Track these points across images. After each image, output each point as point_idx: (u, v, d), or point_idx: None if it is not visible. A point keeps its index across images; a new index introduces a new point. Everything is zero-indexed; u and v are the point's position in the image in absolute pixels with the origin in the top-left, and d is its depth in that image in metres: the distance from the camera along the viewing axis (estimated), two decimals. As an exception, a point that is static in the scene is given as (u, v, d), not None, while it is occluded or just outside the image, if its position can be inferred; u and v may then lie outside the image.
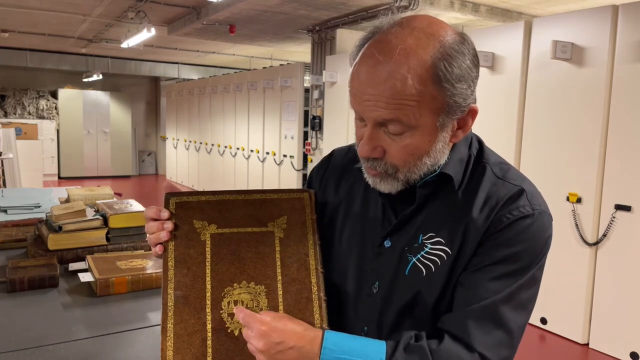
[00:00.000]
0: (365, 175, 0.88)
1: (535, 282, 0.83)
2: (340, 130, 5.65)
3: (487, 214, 0.82)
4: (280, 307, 0.88)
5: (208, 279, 0.90)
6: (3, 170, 5.59)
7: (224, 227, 0.93)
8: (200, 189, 8.69)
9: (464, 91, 0.78)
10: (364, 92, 0.78)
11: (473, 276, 0.82)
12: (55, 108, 11.04)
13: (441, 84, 0.76)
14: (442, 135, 0.81)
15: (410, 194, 0.87)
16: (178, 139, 10.60)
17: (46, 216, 1.91)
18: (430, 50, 0.75)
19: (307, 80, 6.51)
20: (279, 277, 0.91)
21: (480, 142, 0.91)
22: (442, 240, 0.84)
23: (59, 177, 10.81)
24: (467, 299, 0.81)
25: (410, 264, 0.86)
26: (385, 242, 0.89)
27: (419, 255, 0.86)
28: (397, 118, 0.77)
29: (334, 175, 1.02)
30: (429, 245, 0.85)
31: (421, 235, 0.86)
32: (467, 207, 0.84)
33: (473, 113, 0.82)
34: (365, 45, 0.80)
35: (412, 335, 0.80)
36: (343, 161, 1.02)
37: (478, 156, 0.89)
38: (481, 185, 0.85)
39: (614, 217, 3.23)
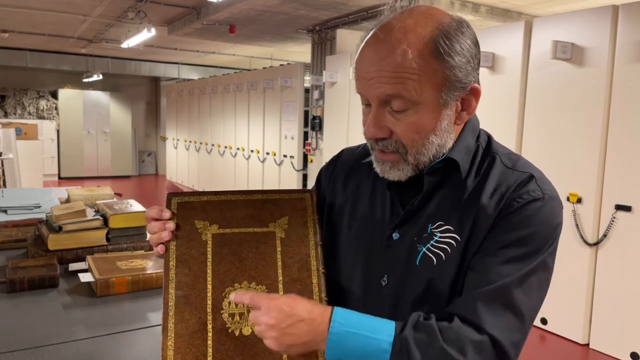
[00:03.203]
0: (374, 164, 0.89)
1: (546, 268, 0.83)
2: (341, 130, 5.64)
3: (497, 200, 0.83)
4: (281, 307, 0.88)
5: (209, 279, 0.90)
6: (3, 171, 5.58)
7: (225, 227, 0.93)
8: (200, 189, 8.69)
9: (464, 65, 0.80)
10: (367, 70, 0.80)
11: (483, 260, 0.82)
12: (55, 108, 11.03)
13: (441, 57, 0.78)
14: (446, 112, 0.82)
15: (418, 187, 0.87)
16: (178, 139, 10.60)
17: (46, 216, 1.91)
18: (428, 28, 0.79)
19: (307, 80, 6.51)
20: (280, 278, 0.91)
21: (488, 136, 0.93)
22: (450, 227, 0.84)
23: (59, 178, 10.81)
24: (476, 283, 0.81)
25: (421, 254, 0.86)
26: (393, 235, 0.89)
27: (428, 245, 0.85)
28: (398, 93, 0.79)
29: (342, 172, 1.03)
30: (438, 234, 0.85)
31: (430, 224, 0.86)
32: (477, 194, 0.84)
33: (476, 93, 0.84)
34: (369, 34, 0.83)
35: (421, 314, 0.80)
36: (351, 159, 1.03)
37: (487, 148, 0.90)
38: (491, 174, 0.85)
39: (614, 217, 3.23)
